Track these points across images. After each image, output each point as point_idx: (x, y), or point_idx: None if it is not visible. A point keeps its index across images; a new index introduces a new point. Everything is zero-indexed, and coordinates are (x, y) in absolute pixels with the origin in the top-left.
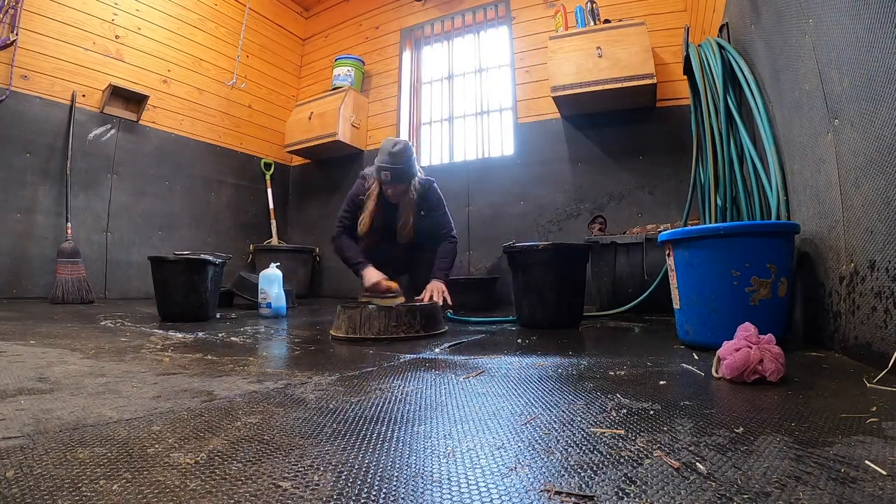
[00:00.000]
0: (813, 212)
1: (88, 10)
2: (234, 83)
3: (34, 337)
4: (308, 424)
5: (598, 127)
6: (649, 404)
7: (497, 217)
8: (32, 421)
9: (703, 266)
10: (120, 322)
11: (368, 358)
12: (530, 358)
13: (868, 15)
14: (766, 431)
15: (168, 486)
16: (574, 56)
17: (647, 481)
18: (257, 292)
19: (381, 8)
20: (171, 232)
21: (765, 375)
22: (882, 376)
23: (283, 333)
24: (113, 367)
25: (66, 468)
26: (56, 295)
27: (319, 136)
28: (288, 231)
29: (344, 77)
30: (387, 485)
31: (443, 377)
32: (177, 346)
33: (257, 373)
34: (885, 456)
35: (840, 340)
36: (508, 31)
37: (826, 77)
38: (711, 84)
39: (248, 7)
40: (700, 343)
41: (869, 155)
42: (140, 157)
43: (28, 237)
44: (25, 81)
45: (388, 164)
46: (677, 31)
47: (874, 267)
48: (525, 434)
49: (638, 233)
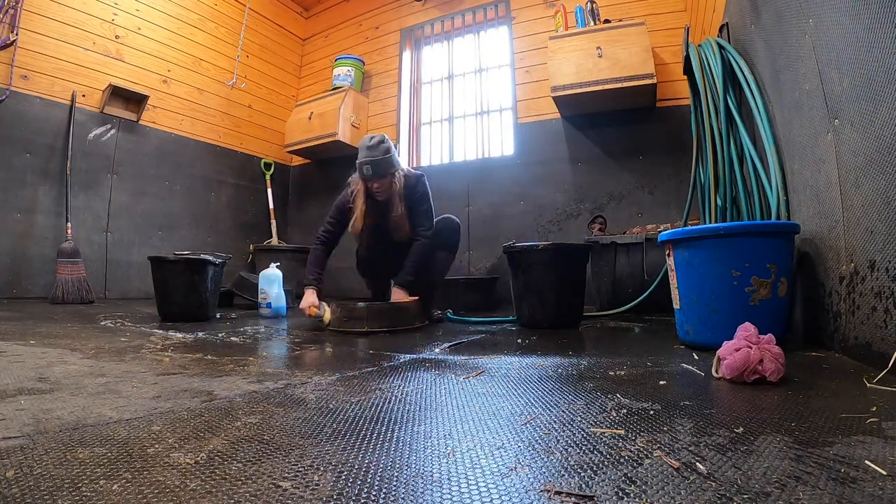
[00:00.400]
0: (813, 212)
1: (88, 10)
2: (234, 83)
3: (34, 337)
4: (308, 424)
5: (598, 127)
6: (649, 404)
7: (497, 217)
8: (32, 421)
9: (703, 266)
10: (120, 322)
11: (368, 358)
12: (530, 358)
13: (868, 15)
14: (766, 431)
15: (168, 486)
16: (574, 56)
17: (647, 481)
18: (257, 292)
19: (381, 8)
20: (171, 232)
21: (765, 375)
22: (882, 376)
23: (283, 333)
24: (113, 367)
25: (66, 468)
26: (56, 295)
27: (319, 136)
28: (288, 231)
29: (344, 77)
30: (387, 485)
31: (443, 377)
32: (177, 346)
33: (257, 373)
34: (885, 456)
35: (840, 340)
36: (508, 31)
37: (826, 77)
38: (711, 84)
39: (248, 7)
40: (700, 343)
41: (869, 155)
42: (140, 157)
43: (28, 237)
44: (25, 81)
45: (367, 158)
46: (677, 31)
47: (874, 267)
48: (525, 434)
49: (638, 233)
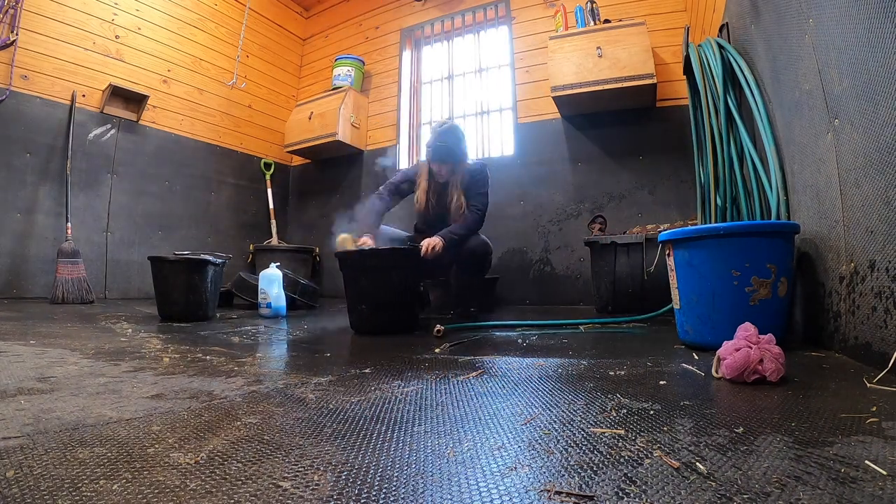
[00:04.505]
0: (813, 212)
1: (88, 10)
2: (234, 83)
3: (34, 337)
4: (308, 424)
5: (598, 127)
6: (649, 404)
7: (497, 217)
8: (32, 421)
9: (704, 266)
10: (120, 322)
11: (368, 358)
12: (531, 358)
13: (868, 15)
14: (766, 431)
15: (168, 486)
16: (574, 56)
17: (647, 481)
18: (257, 293)
19: (381, 8)
20: (171, 232)
21: (765, 375)
22: (882, 376)
23: (283, 333)
24: (113, 367)
25: (66, 468)
26: (56, 295)
27: (319, 136)
28: (288, 231)
29: (344, 77)
30: (387, 485)
31: (443, 377)
32: (177, 346)
33: (257, 373)
34: (885, 456)
35: (840, 340)
36: (508, 31)
37: (826, 77)
38: (711, 84)
39: (248, 7)
40: (700, 343)
41: (869, 155)
42: (140, 157)
43: (28, 237)
44: (25, 81)
45: (433, 142)
46: (677, 31)
47: (874, 267)
48: (525, 434)
49: (638, 233)
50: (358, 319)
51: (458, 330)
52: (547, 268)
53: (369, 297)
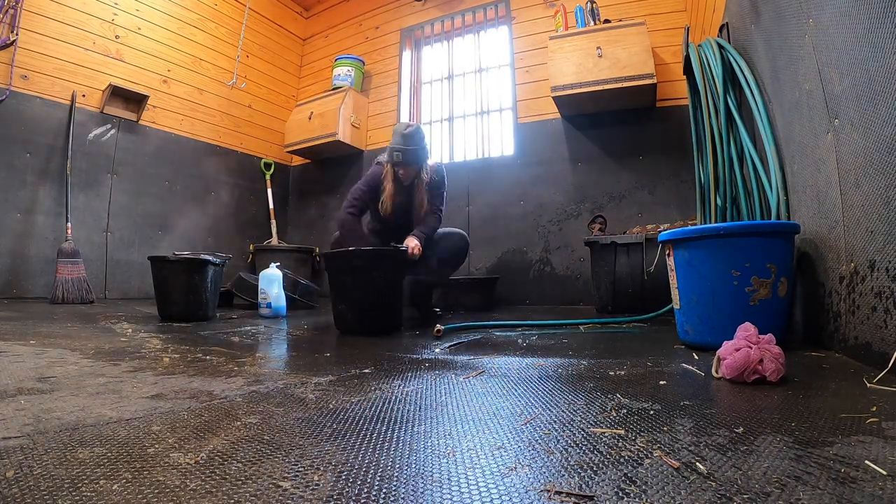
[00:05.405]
0: (813, 212)
1: (88, 10)
2: (234, 83)
3: (34, 337)
4: (308, 424)
5: (598, 127)
6: (649, 404)
7: (497, 217)
8: (32, 421)
9: (704, 266)
10: (120, 322)
11: (368, 358)
12: (530, 358)
13: (868, 15)
14: (766, 431)
15: (168, 486)
16: (574, 56)
17: (647, 481)
18: (257, 293)
19: (381, 8)
20: (171, 232)
21: (765, 375)
22: (882, 376)
23: (283, 333)
24: (113, 367)
25: (66, 468)
26: (56, 295)
27: (319, 136)
28: (288, 231)
29: (344, 77)
30: (387, 485)
31: (443, 377)
32: (177, 346)
33: (257, 373)
34: (885, 456)
35: (840, 340)
36: (508, 31)
37: (826, 77)
38: (711, 84)
39: (248, 7)
40: (700, 343)
41: (869, 155)
42: (140, 157)
43: (28, 237)
44: (25, 81)
45: (399, 146)
46: (677, 31)
47: (874, 267)
48: (525, 434)
49: (638, 233)
50: (350, 320)
51: (458, 330)
52: (547, 268)
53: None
